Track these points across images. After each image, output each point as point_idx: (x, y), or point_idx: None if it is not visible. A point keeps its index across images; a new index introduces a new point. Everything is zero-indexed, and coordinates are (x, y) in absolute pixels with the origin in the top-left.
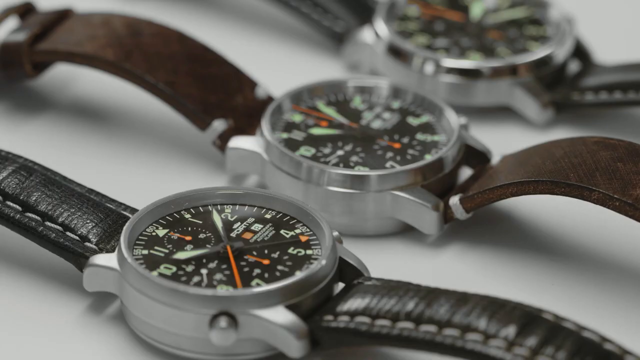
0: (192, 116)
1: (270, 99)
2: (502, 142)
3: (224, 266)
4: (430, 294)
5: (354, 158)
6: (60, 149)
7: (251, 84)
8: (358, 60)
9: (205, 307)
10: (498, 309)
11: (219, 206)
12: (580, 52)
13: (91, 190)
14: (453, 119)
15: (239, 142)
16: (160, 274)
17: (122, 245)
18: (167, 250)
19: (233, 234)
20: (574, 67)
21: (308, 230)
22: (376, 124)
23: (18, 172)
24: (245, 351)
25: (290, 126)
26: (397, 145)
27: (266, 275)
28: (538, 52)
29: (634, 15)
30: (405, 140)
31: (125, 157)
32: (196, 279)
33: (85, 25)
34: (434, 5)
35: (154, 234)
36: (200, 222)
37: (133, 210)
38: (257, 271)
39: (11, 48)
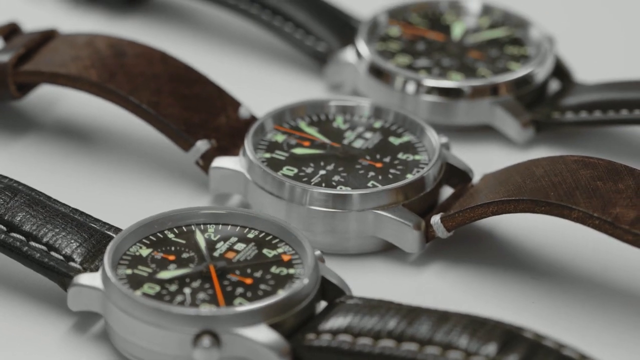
0: (175, 136)
1: (253, 119)
2: (483, 161)
3: (207, 285)
4: (412, 313)
5: (336, 177)
6: (44, 169)
7: (234, 104)
8: (340, 81)
9: (188, 326)
10: (479, 327)
11: (202, 226)
12: (560, 71)
13: (75, 210)
14: (434, 138)
15: (222, 162)
16: (144, 294)
17: (106, 265)
18: (150, 270)
19: (216, 254)
20: (554, 86)
21: (290, 249)
22: (358, 144)
23: (2, 193)
24: None
25: (272, 146)
26: (378, 165)
27: (249, 294)
28: (518, 72)
29: (614, 34)
30: (387, 159)
31: (109, 177)
32: (179, 298)
33: (69, 46)
34: (415, 25)
35: (137, 253)
36: (184, 241)
37: (117, 230)
38: (239, 290)
39: None
